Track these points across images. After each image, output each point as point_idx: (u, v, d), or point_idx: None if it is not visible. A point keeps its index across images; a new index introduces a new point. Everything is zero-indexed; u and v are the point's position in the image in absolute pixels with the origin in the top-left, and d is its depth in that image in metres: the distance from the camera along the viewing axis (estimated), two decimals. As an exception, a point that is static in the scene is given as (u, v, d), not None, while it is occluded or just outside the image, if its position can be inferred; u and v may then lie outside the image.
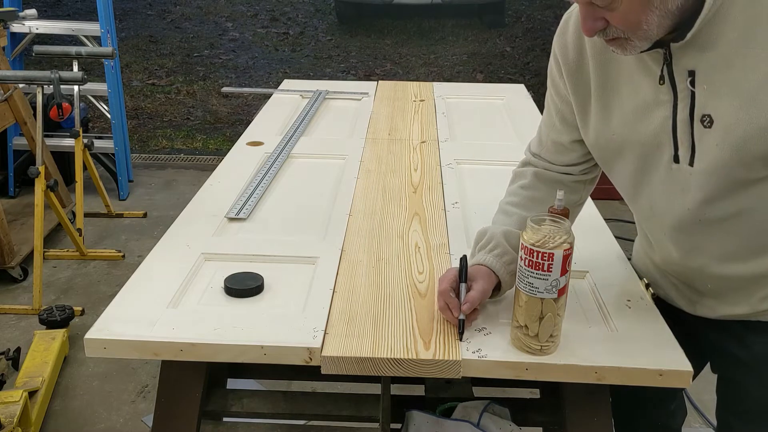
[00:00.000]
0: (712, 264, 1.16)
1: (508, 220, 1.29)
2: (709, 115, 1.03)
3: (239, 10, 4.73)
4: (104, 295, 3.12)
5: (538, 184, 1.33)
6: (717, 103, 1.02)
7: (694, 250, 1.17)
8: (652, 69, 1.07)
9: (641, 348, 1.13)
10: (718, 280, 1.19)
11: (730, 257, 1.14)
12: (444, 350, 1.11)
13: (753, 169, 1.03)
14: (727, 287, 1.19)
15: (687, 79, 1.03)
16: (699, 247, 1.16)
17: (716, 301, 1.22)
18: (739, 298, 1.19)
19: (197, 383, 1.35)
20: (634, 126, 1.13)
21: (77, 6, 4.71)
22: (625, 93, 1.14)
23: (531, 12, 4.71)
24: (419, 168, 1.92)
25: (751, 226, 1.10)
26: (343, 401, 1.59)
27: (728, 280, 1.17)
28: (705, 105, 1.03)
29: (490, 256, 1.22)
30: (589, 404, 1.27)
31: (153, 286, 1.29)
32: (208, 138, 4.98)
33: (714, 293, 1.22)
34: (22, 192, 4.06)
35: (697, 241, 1.15)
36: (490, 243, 1.24)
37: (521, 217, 1.26)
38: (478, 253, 1.25)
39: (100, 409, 2.43)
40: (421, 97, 2.64)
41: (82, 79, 2.97)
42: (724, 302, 1.21)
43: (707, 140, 1.04)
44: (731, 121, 1.00)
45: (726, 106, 1.00)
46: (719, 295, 1.21)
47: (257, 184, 1.77)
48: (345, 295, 1.28)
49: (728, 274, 1.16)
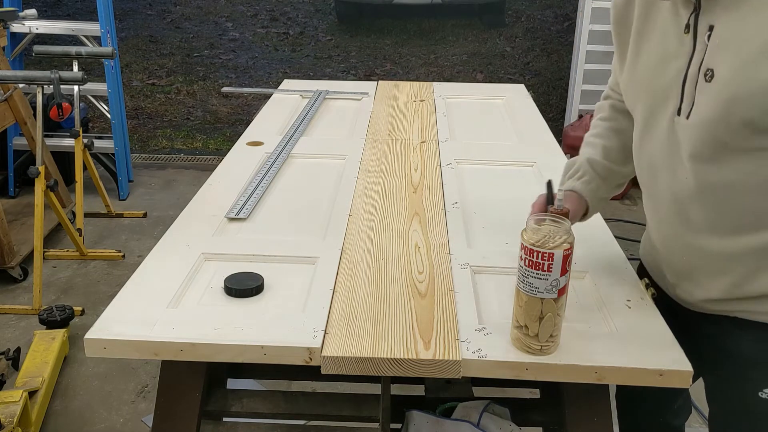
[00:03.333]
0: (689, 234, 1.18)
1: (592, 150, 1.41)
2: (712, 70, 1.06)
3: (239, 10, 4.73)
4: (104, 295, 3.12)
5: (615, 115, 1.43)
6: (721, 59, 1.05)
7: (679, 215, 1.19)
8: (682, 17, 1.11)
9: (641, 348, 1.13)
10: (693, 253, 1.20)
11: (708, 229, 1.16)
12: (444, 350, 1.11)
13: (737, 134, 1.05)
14: (700, 264, 1.20)
15: (706, 33, 1.07)
16: (683, 213, 1.18)
17: (692, 284, 1.24)
18: (712, 280, 1.20)
19: (197, 383, 1.35)
20: (653, 75, 1.18)
21: (77, 6, 4.71)
22: (654, 40, 1.18)
23: (531, 12, 4.71)
24: (419, 168, 1.92)
25: (729, 202, 1.12)
26: (343, 401, 1.60)
27: (702, 254, 1.18)
28: (711, 59, 1.06)
29: (578, 183, 1.37)
30: (589, 404, 1.27)
31: (153, 286, 1.29)
32: (208, 138, 4.97)
33: (688, 272, 1.23)
34: (22, 192, 4.06)
35: (683, 208, 1.17)
36: (578, 171, 1.38)
37: (603, 146, 1.40)
38: (567, 181, 1.40)
39: (100, 409, 2.43)
40: (421, 97, 2.64)
41: (82, 79, 2.97)
42: (699, 285, 1.22)
43: (704, 93, 1.08)
44: (728, 77, 1.04)
45: (728, 62, 1.04)
46: (693, 275, 1.23)
47: (257, 184, 1.77)
48: (345, 295, 1.28)
49: (703, 246, 1.17)
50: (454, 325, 1.18)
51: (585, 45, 4.47)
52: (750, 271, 1.15)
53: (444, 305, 1.24)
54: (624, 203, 4.08)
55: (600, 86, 4.56)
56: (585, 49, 4.48)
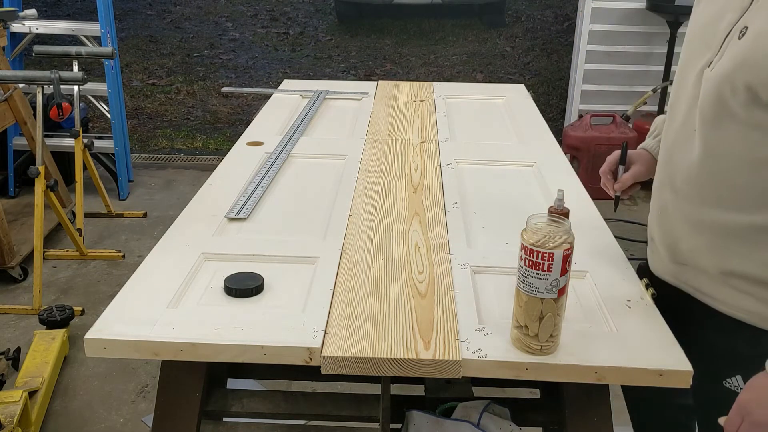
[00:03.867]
0: (684, 202, 1.21)
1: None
2: (747, 28, 1.07)
3: (239, 10, 4.73)
4: (104, 295, 3.12)
5: None
6: (757, 18, 1.05)
7: (680, 173, 1.21)
8: None
9: (641, 348, 1.13)
10: (684, 220, 1.22)
11: (697, 197, 1.19)
12: (444, 350, 1.11)
13: (737, 97, 1.06)
14: (687, 232, 1.23)
15: None
16: (684, 174, 1.20)
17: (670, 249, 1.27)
18: (695, 254, 1.22)
19: (197, 383, 1.35)
20: (706, 22, 1.18)
21: (77, 6, 4.71)
22: None
23: (531, 12, 4.71)
24: (419, 168, 1.92)
25: (717, 173, 1.14)
26: (343, 401, 1.60)
27: (690, 222, 1.21)
28: (750, 17, 1.07)
29: (652, 141, 1.43)
30: (589, 404, 1.27)
31: (153, 286, 1.29)
32: (208, 138, 4.97)
33: (675, 242, 1.26)
34: (22, 192, 4.06)
35: (686, 173, 1.19)
36: (655, 130, 1.44)
37: None
38: (647, 140, 1.46)
39: (100, 409, 2.43)
40: (421, 97, 2.64)
41: (82, 79, 2.97)
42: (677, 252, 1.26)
43: (731, 49, 1.09)
44: (751, 38, 1.04)
45: (759, 23, 1.04)
46: (677, 245, 1.25)
47: (257, 184, 1.77)
48: (345, 295, 1.28)
49: (689, 214, 1.21)
50: (454, 325, 1.18)
51: (585, 45, 4.47)
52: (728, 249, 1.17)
53: (444, 305, 1.24)
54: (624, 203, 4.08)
55: (600, 86, 4.58)
56: (585, 49, 4.48)
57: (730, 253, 1.17)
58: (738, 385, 1.23)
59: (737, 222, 1.14)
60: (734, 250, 1.16)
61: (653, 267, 1.37)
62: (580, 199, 1.72)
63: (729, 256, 1.17)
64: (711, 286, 1.22)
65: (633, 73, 4.49)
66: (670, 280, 1.32)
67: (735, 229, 1.15)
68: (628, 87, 4.50)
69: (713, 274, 1.21)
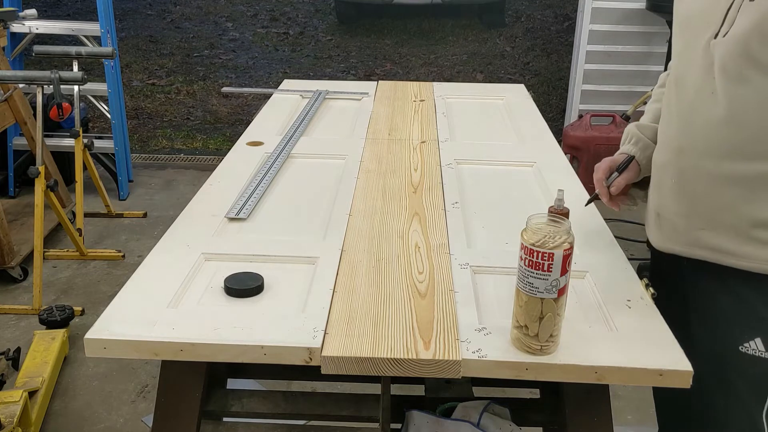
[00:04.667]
0: (708, 161, 1.25)
1: (644, 116, 1.55)
2: None
3: (239, 10, 4.73)
4: (104, 295, 3.12)
5: None
6: None
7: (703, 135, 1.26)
8: None
9: (641, 348, 1.13)
10: (709, 179, 1.27)
11: (724, 153, 1.23)
12: (444, 350, 1.11)
13: (763, 48, 1.12)
14: (713, 191, 1.26)
15: None
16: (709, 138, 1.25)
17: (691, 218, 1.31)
18: (722, 212, 1.26)
19: (197, 383, 1.35)
20: (702, 10, 1.24)
21: (77, 6, 4.71)
22: None
23: (531, 12, 4.71)
24: (419, 168, 1.92)
25: (745, 126, 1.19)
26: (343, 401, 1.60)
27: (715, 180, 1.25)
28: None
29: (635, 147, 1.51)
30: (589, 404, 1.27)
31: (153, 286, 1.29)
32: (208, 138, 4.98)
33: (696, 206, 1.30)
34: (22, 192, 4.07)
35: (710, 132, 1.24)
36: (627, 136, 1.52)
37: (655, 109, 1.52)
38: (626, 146, 1.53)
39: (100, 409, 2.43)
40: (421, 97, 2.64)
41: (82, 79, 2.97)
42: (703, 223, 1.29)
43: (745, 13, 1.13)
44: None
45: None
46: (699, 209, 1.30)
47: (257, 184, 1.77)
48: (345, 295, 1.28)
49: (713, 172, 1.25)
50: (454, 325, 1.18)
51: (585, 45, 4.47)
52: (757, 199, 1.21)
53: (444, 305, 1.24)
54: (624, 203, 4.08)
55: (600, 86, 4.58)
56: (585, 49, 4.48)
57: (761, 202, 1.21)
58: (757, 347, 1.26)
59: (764, 170, 1.19)
60: (763, 199, 1.21)
61: (658, 242, 1.42)
62: (580, 199, 1.72)
63: (759, 205, 1.21)
64: (734, 244, 1.26)
65: (633, 73, 4.50)
66: (684, 251, 1.35)
67: (764, 177, 1.20)
68: (628, 87, 4.50)
69: (740, 228, 1.24)
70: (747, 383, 1.29)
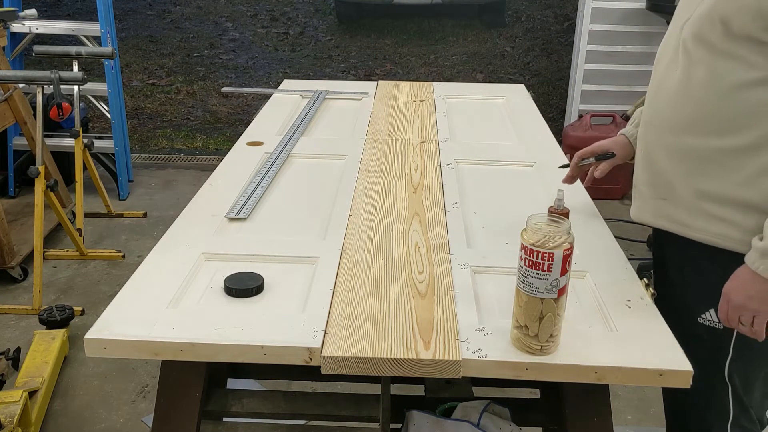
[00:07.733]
0: (666, 134, 1.34)
1: None
2: None
3: (239, 10, 4.73)
4: (104, 295, 3.12)
5: None
6: None
7: (663, 108, 1.34)
8: None
9: (641, 348, 1.13)
10: (666, 150, 1.35)
11: (677, 126, 1.32)
12: (444, 350, 1.11)
13: (714, 30, 1.22)
14: (669, 162, 1.34)
15: None
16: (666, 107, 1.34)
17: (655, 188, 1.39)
18: (675, 182, 1.34)
19: (197, 383, 1.35)
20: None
21: (77, 6, 4.71)
22: None
23: (531, 12, 4.71)
24: (419, 168, 1.92)
25: (693, 101, 1.27)
26: (343, 401, 1.60)
27: (670, 151, 1.34)
28: None
29: (632, 128, 1.56)
30: (589, 404, 1.27)
31: (153, 286, 1.29)
32: (208, 138, 4.97)
33: (657, 175, 1.38)
34: (22, 192, 4.07)
35: (669, 101, 1.33)
36: (636, 119, 1.55)
37: None
38: (627, 127, 1.59)
39: (100, 409, 2.43)
40: (421, 97, 2.64)
41: (82, 79, 2.97)
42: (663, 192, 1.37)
43: None
44: None
45: None
46: (659, 178, 1.37)
47: (257, 184, 1.77)
48: (345, 295, 1.28)
49: (670, 144, 1.33)
50: (454, 325, 1.18)
51: (585, 45, 4.47)
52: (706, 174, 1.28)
53: (444, 305, 1.24)
54: (624, 203, 4.08)
55: (600, 86, 4.58)
56: (585, 49, 4.48)
57: (706, 176, 1.29)
58: (712, 319, 1.34)
59: (711, 146, 1.27)
60: (709, 173, 1.28)
61: (636, 215, 1.48)
62: (580, 199, 1.72)
63: (705, 179, 1.29)
64: (687, 215, 1.33)
65: (633, 73, 4.49)
66: (651, 221, 1.43)
67: (709, 152, 1.28)
68: (628, 87, 4.50)
69: (690, 200, 1.32)
70: (707, 352, 1.37)
